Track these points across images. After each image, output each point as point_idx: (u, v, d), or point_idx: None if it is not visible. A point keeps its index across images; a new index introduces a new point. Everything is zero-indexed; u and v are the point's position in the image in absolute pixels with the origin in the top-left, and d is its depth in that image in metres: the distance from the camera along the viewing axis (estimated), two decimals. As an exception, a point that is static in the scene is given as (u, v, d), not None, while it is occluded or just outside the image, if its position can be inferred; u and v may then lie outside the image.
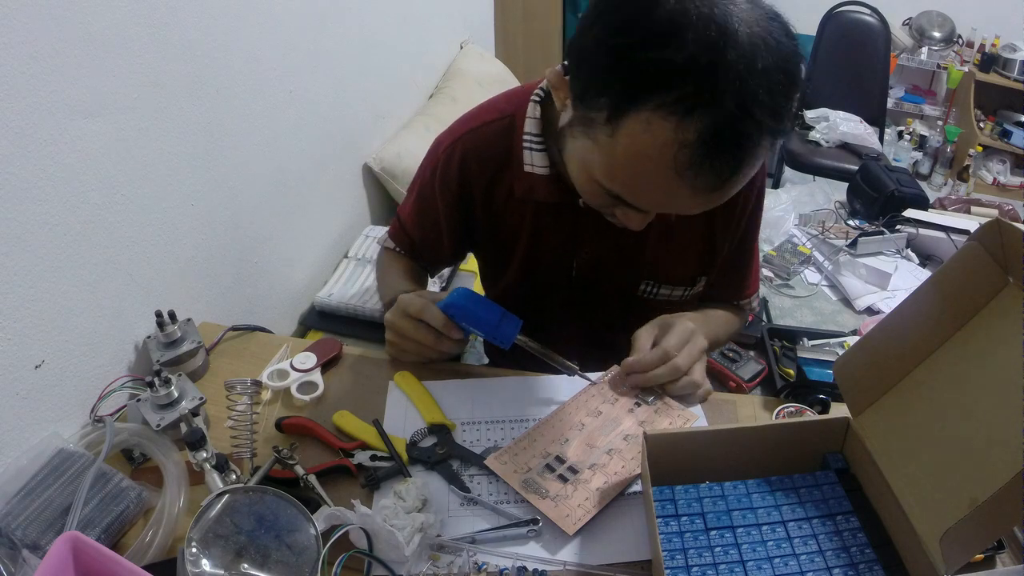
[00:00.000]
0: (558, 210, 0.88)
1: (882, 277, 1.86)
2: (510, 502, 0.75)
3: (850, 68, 2.98)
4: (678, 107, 0.55)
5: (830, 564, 0.65)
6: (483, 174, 0.90)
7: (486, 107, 0.91)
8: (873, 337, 0.69)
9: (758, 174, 0.89)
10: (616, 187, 0.65)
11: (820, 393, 0.89)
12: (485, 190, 0.91)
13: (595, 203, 0.74)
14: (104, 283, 0.92)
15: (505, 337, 0.83)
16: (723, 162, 0.58)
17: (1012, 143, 3.52)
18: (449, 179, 0.92)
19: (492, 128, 0.88)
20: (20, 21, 0.75)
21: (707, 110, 0.55)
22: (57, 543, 0.55)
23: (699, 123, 0.55)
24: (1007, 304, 0.62)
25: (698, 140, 0.56)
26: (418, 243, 1.03)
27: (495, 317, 0.83)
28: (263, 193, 1.30)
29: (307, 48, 1.42)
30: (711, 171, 0.58)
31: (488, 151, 0.89)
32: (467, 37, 2.47)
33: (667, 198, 0.63)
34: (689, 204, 0.64)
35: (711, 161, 0.57)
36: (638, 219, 0.72)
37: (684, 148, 0.57)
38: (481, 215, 0.94)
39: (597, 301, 0.97)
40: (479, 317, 0.83)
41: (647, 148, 0.58)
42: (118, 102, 0.91)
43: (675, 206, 0.66)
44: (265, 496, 0.66)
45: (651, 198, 0.65)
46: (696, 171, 0.58)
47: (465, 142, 0.90)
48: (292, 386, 0.89)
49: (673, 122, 0.56)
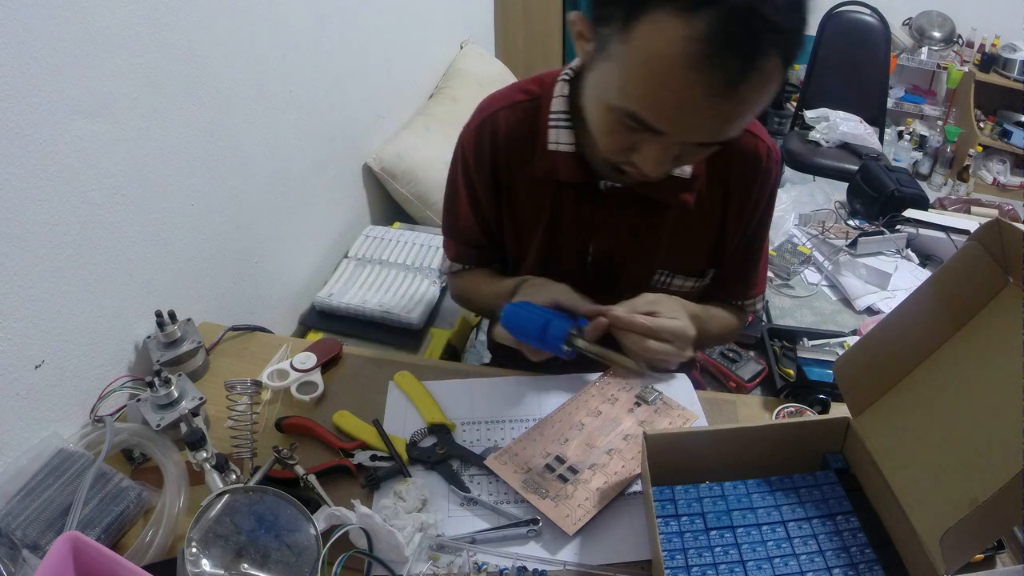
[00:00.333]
0: (578, 193, 0.88)
1: (882, 277, 1.86)
2: (510, 502, 0.75)
3: (850, 68, 2.98)
4: (686, 5, 0.57)
5: (830, 564, 0.65)
6: (509, 152, 0.90)
7: (514, 87, 0.92)
8: (873, 337, 0.69)
9: (773, 174, 0.89)
10: (631, 102, 0.65)
11: (820, 393, 0.89)
12: (508, 170, 0.92)
13: (612, 145, 0.73)
14: (104, 283, 0.92)
15: (552, 347, 0.80)
16: (733, 58, 0.58)
17: (1012, 143, 3.51)
18: (483, 155, 0.91)
19: (520, 107, 0.89)
20: (20, 21, 0.75)
21: (715, 5, 0.56)
22: (57, 543, 0.55)
23: (707, 18, 0.57)
24: (1007, 304, 0.62)
25: (707, 34, 0.57)
26: (483, 243, 1.01)
27: (535, 331, 0.80)
28: (263, 193, 1.30)
29: (307, 48, 1.42)
30: (721, 67, 0.58)
31: (515, 129, 0.89)
32: (467, 37, 2.47)
33: (680, 103, 0.63)
34: (703, 114, 0.63)
35: (720, 56, 0.58)
36: (654, 155, 0.70)
37: (693, 42, 0.58)
38: (505, 198, 0.94)
39: (611, 291, 0.97)
40: (522, 333, 0.81)
41: (658, 47, 0.60)
42: (118, 102, 0.91)
43: (689, 117, 0.64)
44: (265, 496, 0.66)
45: (664, 107, 0.64)
46: (707, 66, 0.58)
47: (496, 120, 0.90)
48: (292, 386, 0.89)
49: (682, 19, 0.57)
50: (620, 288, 0.97)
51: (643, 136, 0.68)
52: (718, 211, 0.90)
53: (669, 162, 0.71)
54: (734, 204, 0.89)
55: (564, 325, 0.80)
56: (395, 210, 1.89)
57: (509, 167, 0.91)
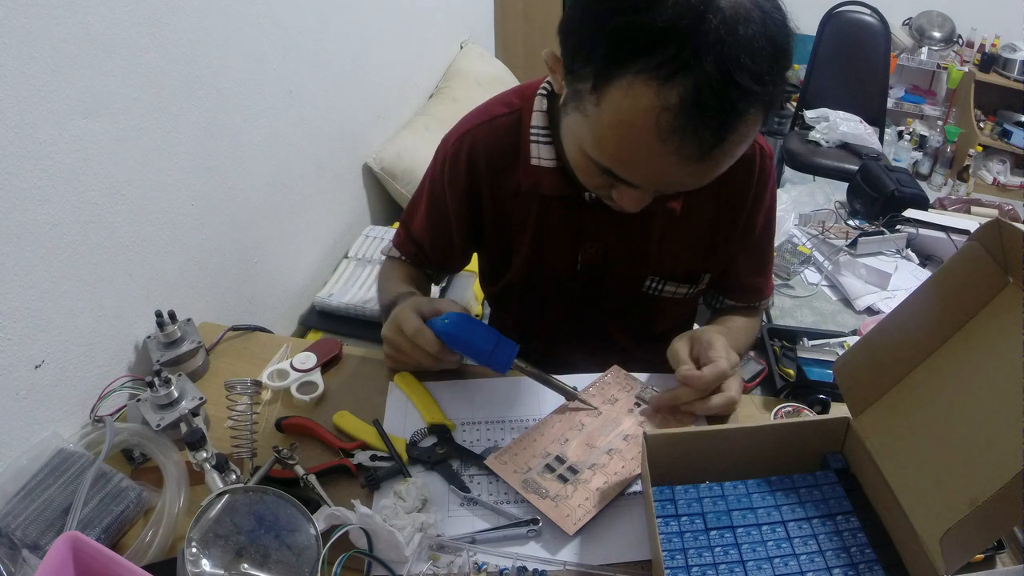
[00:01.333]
0: (564, 204, 0.88)
1: (882, 277, 1.86)
2: (510, 502, 0.75)
3: (850, 68, 2.98)
4: (659, 72, 0.55)
5: (830, 564, 0.65)
6: (490, 168, 0.90)
7: (495, 102, 0.92)
8: (873, 337, 0.69)
9: (768, 171, 0.88)
10: (604, 159, 0.65)
11: (820, 393, 0.89)
12: (492, 184, 0.91)
13: (590, 183, 0.73)
14: (104, 283, 0.92)
15: (500, 365, 0.82)
16: (706, 128, 0.57)
17: (1012, 143, 3.52)
18: (458, 173, 0.92)
19: (500, 122, 0.89)
20: (20, 21, 0.75)
21: (688, 74, 0.55)
22: (57, 543, 0.55)
23: (680, 87, 0.55)
24: (1007, 304, 0.62)
25: (680, 104, 0.56)
26: (427, 247, 1.02)
27: (489, 346, 0.82)
28: (263, 193, 1.30)
29: (307, 48, 1.42)
30: (694, 137, 0.57)
31: (496, 145, 0.89)
32: (467, 37, 2.47)
33: (654, 168, 0.62)
34: (679, 175, 0.63)
35: (694, 126, 0.57)
36: (633, 198, 0.70)
37: (665, 112, 0.56)
38: (487, 210, 0.94)
39: (601, 298, 0.97)
40: (473, 346, 0.82)
41: (630, 114, 0.58)
42: (118, 102, 0.91)
43: (665, 177, 0.64)
44: (265, 496, 0.66)
45: (638, 168, 0.64)
46: (680, 137, 0.57)
47: (474, 136, 0.90)
48: (292, 386, 0.89)
49: (655, 87, 0.56)
50: (610, 295, 0.97)
51: (619, 182, 0.68)
52: (709, 215, 0.89)
53: (648, 200, 0.72)
54: (727, 207, 0.89)
55: (512, 348, 0.82)
56: (395, 210, 1.89)
57: (492, 180, 0.91)
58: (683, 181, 0.65)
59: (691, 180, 0.64)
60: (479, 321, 0.85)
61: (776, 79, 0.58)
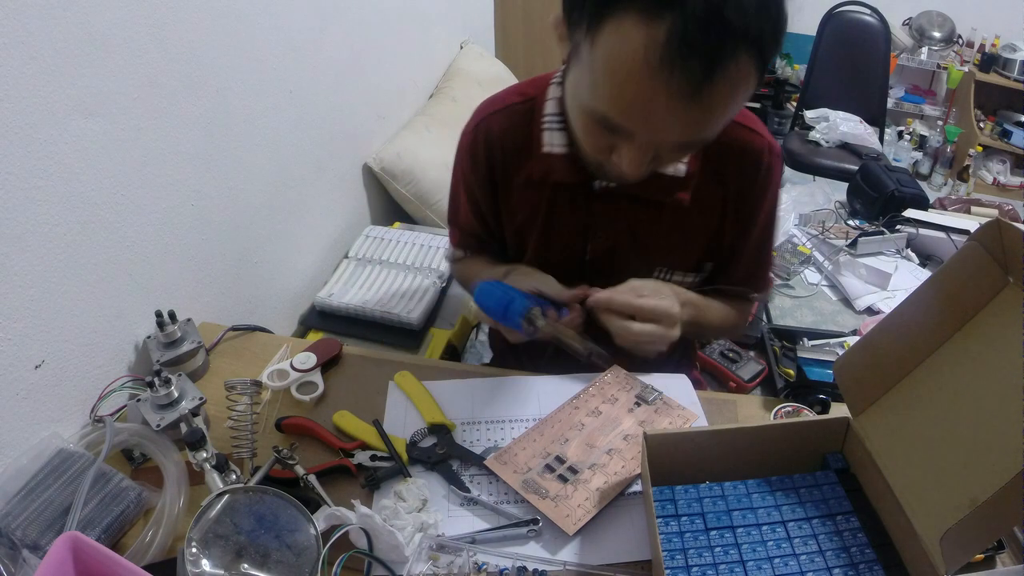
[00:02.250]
0: (573, 193, 0.88)
1: (882, 277, 1.86)
2: (510, 502, 0.75)
3: (850, 68, 2.98)
4: (647, 8, 0.57)
5: (830, 564, 0.65)
6: (504, 155, 0.91)
7: (510, 91, 0.93)
8: (873, 337, 0.69)
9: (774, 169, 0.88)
10: (601, 104, 0.65)
11: (820, 393, 0.89)
12: (506, 171, 0.92)
13: (592, 145, 0.73)
14: (104, 283, 0.92)
15: (513, 323, 0.80)
16: (695, 62, 0.57)
17: (1012, 143, 3.51)
18: (478, 159, 0.93)
19: (515, 110, 0.90)
20: (20, 21, 0.75)
21: (675, 10, 0.56)
22: (57, 543, 0.55)
23: (667, 22, 0.56)
24: (1007, 304, 0.62)
25: (667, 38, 0.57)
26: (483, 235, 1.03)
27: (500, 307, 0.80)
28: (263, 193, 1.30)
29: (307, 48, 1.42)
30: (683, 72, 0.58)
31: (509, 132, 0.90)
32: (467, 37, 2.47)
33: (646, 107, 0.62)
34: (671, 118, 0.63)
35: (683, 60, 0.57)
36: (632, 159, 0.69)
37: (653, 46, 0.57)
38: (502, 199, 0.95)
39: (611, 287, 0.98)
40: (487, 308, 0.82)
41: (621, 51, 0.60)
42: (118, 102, 0.91)
43: (657, 120, 0.64)
44: (265, 496, 0.66)
45: (631, 110, 0.64)
46: (668, 71, 0.58)
47: (489, 123, 0.91)
48: (292, 386, 0.89)
49: (643, 23, 0.57)
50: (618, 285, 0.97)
51: (618, 137, 0.69)
52: (717, 208, 0.89)
53: (647, 163, 0.71)
54: (733, 201, 0.89)
55: (525, 303, 0.80)
56: (395, 210, 1.89)
57: (505, 169, 0.92)
58: (676, 126, 0.64)
59: (684, 125, 0.64)
60: (500, 284, 0.83)
61: (766, 20, 0.58)
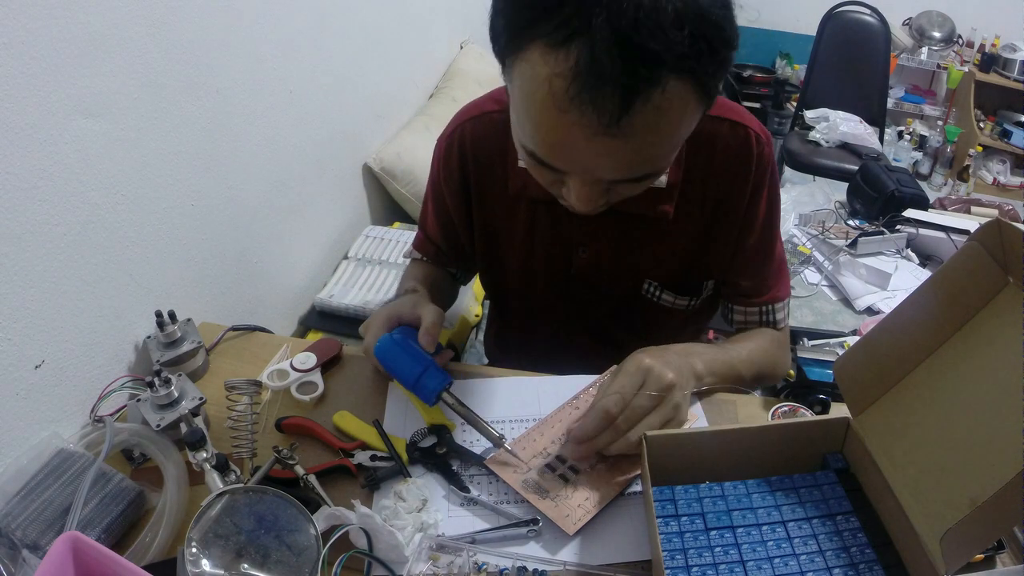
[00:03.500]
0: (552, 207, 0.84)
1: (882, 277, 1.86)
2: (510, 502, 0.75)
3: (850, 68, 2.98)
4: (554, 39, 0.53)
5: (830, 564, 0.65)
6: (478, 164, 0.89)
7: (486, 98, 0.91)
8: (873, 337, 0.69)
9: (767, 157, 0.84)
10: (527, 143, 0.62)
11: (820, 393, 0.89)
12: (480, 182, 0.90)
13: (540, 180, 0.70)
14: (104, 283, 0.92)
15: (425, 396, 0.78)
16: (607, 96, 0.52)
17: (1012, 143, 3.52)
18: (452, 168, 0.91)
19: (490, 118, 0.87)
20: (20, 21, 0.75)
21: (582, 39, 0.51)
22: (57, 543, 0.55)
23: (575, 52, 0.52)
24: (1007, 304, 0.62)
25: (574, 70, 0.52)
26: (442, 245, 1.01)
27: (414, 374, 0.78)
28: (263, 193, 1.30)
29: (307, 48, 1.42)
30: (592, 104, 0.53)
31: (484, 142, 0.87)
32: (467, 37, 2.47)
33: (565, 144, 0.58)
34: (594, 153, 0.58)
35: (591, 93, 0.52)
36: (578, 194, 0.65)
37: (558, 79, 0.53)
38: (477, 208, 0.93)
39: (601, 301, 0.96)
40: (397, 372, 0.80)
41: (531, 84, 0.56)
42: (118, 102, 0.91)
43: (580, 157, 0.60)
44: (265, 496, 0.66)
45: (552, 147, 0.60)
46: (578, 105, 0.53)
47: (463, 130, 0.89)
48: (292, 386, 0.89)
49: (550, 56, 0.53)
50: (605, 299, 0.95)
51: (560, 173, 0.65)
52: (707, 215, 0.86)
53: (598, 198, 0.66)
54: (725, 202, 0.85)
55: (439, 381, 0.77)
56: (395, 210, 1.89)
57: (480, 180, 0.89)
58: (603, 161, 0.59)
59: (612, 161, 0.59)
60: (410, 345, 0.80)
61: (695, 46, 0.52)
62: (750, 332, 0.96)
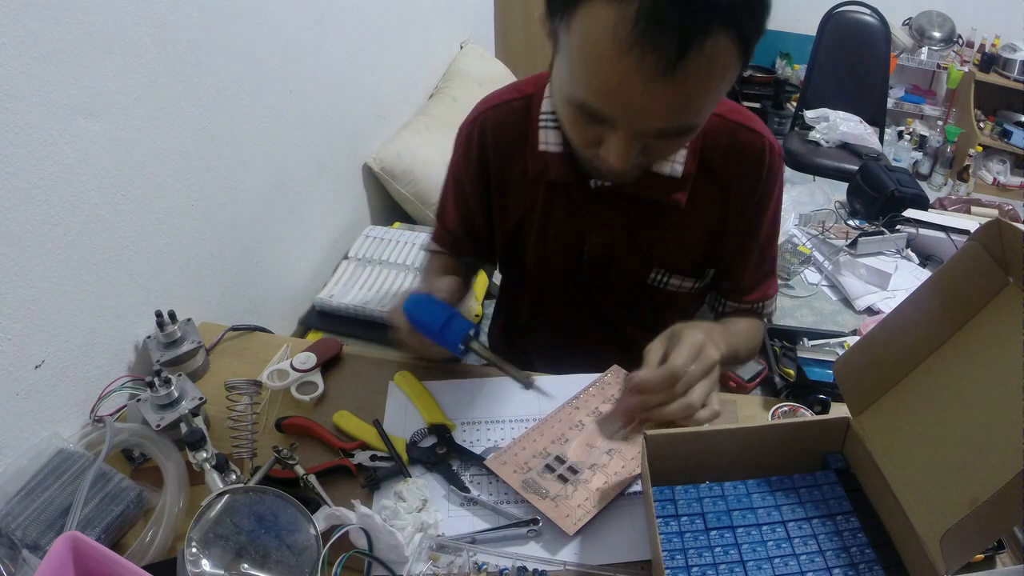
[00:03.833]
0: (569, 192, 0.88)
1: (882, 277, 1.86)
2: (510, 502, 0.75)
3: (850, 68, 2.98)
4: None
5: (830, 564, 0.65)
6: (499, 151, 0.91)
7: (508, 88, 0.93)
8: (873, 337, 0.69)
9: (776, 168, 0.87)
10: (579, 91, 0.65)
11: (820, 393, 0.89)
12: (501, 169, 0.92)
13: (578, 137, 0.72)
14: (104, 283, 0.92)
15: (451, 343, 0.79)
16: (666, 39, 0.56)
17: (1012, 143, 3.52)
18: (472, 155, 0.93)
19: (511, 107, 0.90)
20: (20, 21, 0.75)
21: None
22: (57, 543, 0.55)
23: (637, 2, 0.56)
24: (1007, 304, 0.62)
25: (637, 16, 0.56)
26: (460, 235, 1.02)
27: (438, 323, 0.79)
28: (263, 193, 1.30)
29: (307, 48, 1.42)
30: (654, 49, 0.57)
31: (505, 129, 0.90)
32: (467, 37, 2.47)
33: (621, 88, 0.61)
34: (647, 97, 0.61)
35: (653, 37, 0.56)
36: (618, 150, 0.67)
37: (623, 23, 0.57)
38: (496, 194, 0.95)
39: (608, 288, 0.97)
40: (423, 323, 0.81)
41: (593, 34, 0.59)
42: (118, 102, 0.91)
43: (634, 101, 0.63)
44: (265, 496, 0.66)
45: (608, 93, 0.63)
46: (640, 49, 0.57)
47: (484, 119, 0.92)
48: (292, 386, 0.89)
49: (613, 4, 0.57)
50: (614, 286, 0.97)
51: (602, 128, 0.67)
52: (717, 210, 0.89)
53: (635, 155, 0.69)
54: (735, 203, 0.88)
55: (465, 326, 0.79)
56: (395, 210, 1.89)
57: (500, 166, 0.92)
58: (655, 107, 0.63)
59: (662, 106, 0.62)
60: (437, 300, 0.81)
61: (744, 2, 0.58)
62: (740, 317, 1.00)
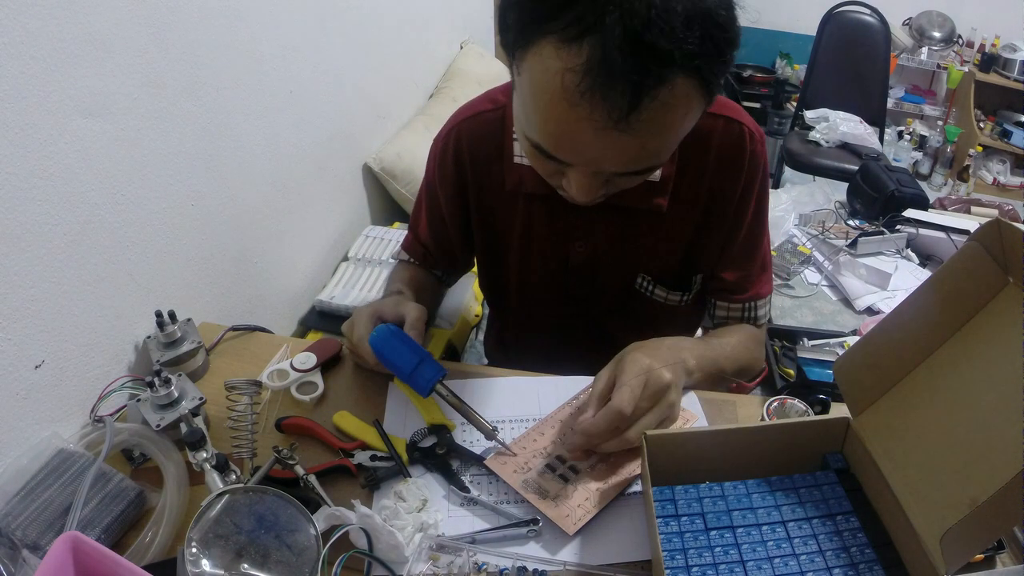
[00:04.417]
0: (549, 202, 0.86)
1: (882, 277, 1.86)
2: (510, 502, 0.75)
3: (850, 68, 2.98)
4: (566, 35, 0.54)
5: (830, 564, 0.65)
6: (475, 163, 0.90)
7: (481, 98, 0.92)
8: (873, 337, 0.69)
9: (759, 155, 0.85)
10: (532, 134, 0.63)
11: (820, 393, 0.89)
12: (478, 181, 0.91)
13: (542, 172, 0.71)
14: (104, 283, 0.92)
15: (420, 387, 0.79)
16: (616, 91, 0.54)
17: (1012, 143, 3.52)
18: (447, 168, 0.92)
19: (485, 118, 0.88)
20: (20, 21, 0.75)
21: (594, 36, 0.53)
22: (57, 543, 0.55)
23: (587, 48, 0.53)
24: (1007, 304, 0.62)
25: (585, 66, 0.54)
26: (431, 247, 1.02)
27: (408, 367, 0.79)
28: (263, 193, 1.30)
29: (307, 48, 1.42)
30: (603, 101, 0.54)
31: (480, 141, 0.89)
32: (467, 37, 2.47)
33: (573, 137, 0.60)
34: (601, 147, 0.60)
35: (603, 89, 0.54)
36: (579, 185, 0.67)
37: (570, 73, 0.54)
38: (474, 208, 0.94)
39: (596, 295, 0.97)
40: (392, 364, 0.81)
41: (541, 78, 0.57)
42: (118, 102, 0.91)
43: (587, 150, 0.61)
44: (265, 496, 0.66)
45: (560, 140, 0.62)
46: (589, 100, 0.55)
47: (459, 131, 0.90)
48: (292, 386, 0.89)
49: (562, 50, 0.55)
50: (602, 293, 0.97)
51: (561, 164, 0.66)
52: (699, 208, 0.87)
53: (597, 189, 0.68)
54: (717, 195, 0.86)
55: (434, 372, 0.79)
56: (395, 210, 1.89)
57: (477, 179, 0.91)
58: (609, 155, 0.61)
59: (618, 154, 0.61)
60: (407, 337, 0.82)
61: (703, 45, 0.54)
62: (731, 327, 0.97)
